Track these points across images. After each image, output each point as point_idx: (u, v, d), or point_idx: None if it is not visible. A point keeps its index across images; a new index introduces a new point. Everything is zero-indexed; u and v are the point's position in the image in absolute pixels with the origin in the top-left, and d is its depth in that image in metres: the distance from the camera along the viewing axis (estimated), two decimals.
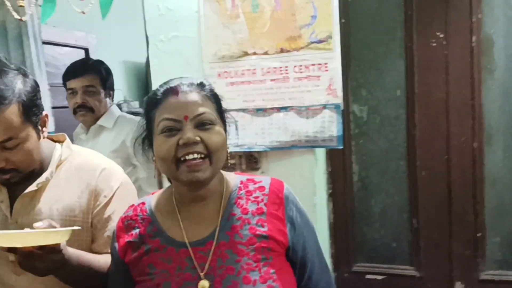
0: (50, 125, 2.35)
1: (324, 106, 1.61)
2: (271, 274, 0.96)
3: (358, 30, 1.71)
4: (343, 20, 1.67)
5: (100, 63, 2.27)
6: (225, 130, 1.03)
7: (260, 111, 1.67)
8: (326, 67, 1.60)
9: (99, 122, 2.20)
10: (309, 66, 1.61)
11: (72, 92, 2.16)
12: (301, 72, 1.62)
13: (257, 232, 0.98)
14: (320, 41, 1.60)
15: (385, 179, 1.76)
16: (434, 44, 1.64)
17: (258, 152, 1.69)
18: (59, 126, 2.62)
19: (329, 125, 1.62)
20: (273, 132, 1.65)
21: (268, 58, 1.65)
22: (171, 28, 1.74)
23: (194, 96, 0.99)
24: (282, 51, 1.63)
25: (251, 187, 1.05)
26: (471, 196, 1.67)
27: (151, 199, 1.10)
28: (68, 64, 2.83)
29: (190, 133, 0.94)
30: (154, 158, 1.02)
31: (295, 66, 1.62)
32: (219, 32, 1.68)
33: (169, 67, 1.76)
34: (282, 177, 1.12)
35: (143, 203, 1.09)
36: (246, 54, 1.67)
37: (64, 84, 2.22)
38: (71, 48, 2.91)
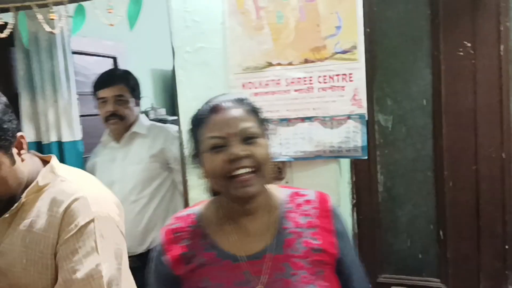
0: (78, 133, 2.44)
1: (349, 117, 1.61)
2: (326, 287, 0.98)
3: (383, 39, 1.70)
4: (368, 30, 1.67)
5: (127, 73, 2.34)
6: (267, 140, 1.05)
7: (284, 121, 1.67)
8: (351, 77, 1.60)
9: (133, 129, 2.27)
10: (334, 76, 1.61)
11: (103, 101, 2.23)
12: (325, 83, 1.62)
13: (312, 246, 1.01)
14: (344, 52, 1.60)
15: (411, 190, 1.74)
16: (461, 53, 1.62)
17: (283, 162, 1.70)
18: (88, 134, 2.70)
19: (353, 136, 1.61)
20: (298, 142, 1.66)
21: (293, 68, 1.65)
22: (197, 39, 1.77)
23: (235, 112, 1.02)
24: (306, 61, 1.64)
25: (299, 200, 1.07)
26: (500, 207, 1.64)
27: (198, 211, 1.11)
28: (98, 73, 2.90)
29: (237, 149, 0.97)
30: (204, 175, 1.05)
31: (319, 77, 1.63)
32: (244, 43, 1.69)
33: (195, 78, 1.79)
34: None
35: (190, 215, 1.11)
36: (270, 64, 1.68)
37: (95, 94, 2.28)
38: (100, 57, 2.97)
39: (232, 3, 1.68)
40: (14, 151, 1.10)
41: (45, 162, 1.23)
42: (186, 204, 1.87)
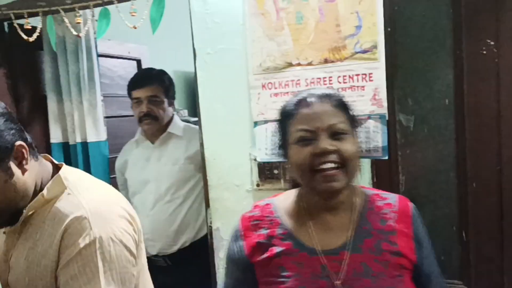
0: (102, 134, 2.49)
1: (369, 116, 1.60)
2: None
3: (405, 38, 1.68)
4: (389, 29, 1.65)
5: (162, 73, 2.39)
6: (356, 136, 1.08)
7: None
8: (371, 77, 1.60)
9: (169, 130, 2.33)
10: (354, 76, 1.61)
11: (137, 101, 2.28)
12: (345, 82, 1.62)
13: (391, 249, 1.01)
14: (365, 51, 1.59)
15: (433, 191, 1.72)
16: (484, 52, 1.59)
17: None
18: (113, 135, 2.75)
19: (374, 136, 1.60)
20: None
21: (312, 69, 1.66)
22: (217, 41, 1.79)
23: (325, 107, 1.04)
24: (326, 61, 1.64)
25: (379, 202, 1.08)
26: None
27: (277, 202, 1.14)
28: (122, 75, 2.97)
29: (325, 143, 0.99)
30: (288, 166, 1.08)
31: (339, 77, 1.63)
32: (263, 44, 1.71)
33: (215, 79, 1.81)
34: None
35: (269, 205, 1.14)
36: (290, 65, 1.69)
37: (129, 94, 2.33)
38: (125, 60, 3.03)
39: (252, 4, 1.70)
40: (13, 163, 1.01)
41: (58, 168, 1.15)
42: (207, 204, 1.89)
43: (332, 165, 0.99)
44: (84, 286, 0.98)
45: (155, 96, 2.26)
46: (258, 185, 1.80)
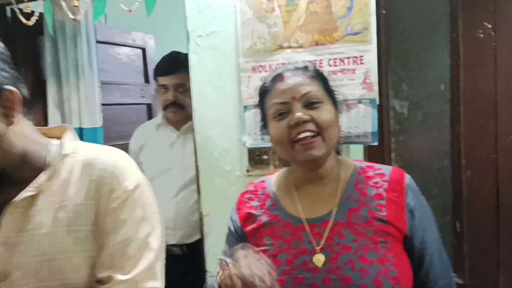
0: (98, 120, 2.49)
1: (359, 101, 1.56)
2: (389, 258, 0.97)
3: (399, 22, 1.63)
4: (384, 12, 1.60)
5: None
6: (336, 107, 1.07)
7: None
8: (362, 60, 1.55)
9: None
10: (344, 59, 1.57)
11: (164, 88, 2.22)
12: (336, 66, 1.58)
13: (376, 215, 1.00)
14: (356, 33, 1.55)
15: (427, 179, 1.66)
16: (481, 35, 1.52)
17: None
18: (112, 122, 2.75)
19: (364, 121, 1.56)
20: None
21: (303, 51, 1.62)
22: (209, 23, 1.76)
23: (299, 78, 1.05)
24: (317, 44, 1.60)
25: (370, 173, 1.08)
26: None
27: (271, 178, 1.18)
28: (126, 63, 2.97)
29: (299, 113, 1.00)
30: (272, 144, 1.09)
31: (329, 60, 1.59)
32: (254, 26, 1.67)
33: (207, 62, 1.79)
34: None
35: (263, 181, 1.18)
36: (280, 47, 1.65)
37: (155, 79, 2.31)
38: (129, 48, 3.02)
39: None
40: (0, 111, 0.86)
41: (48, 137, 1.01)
42: (198, 190, 1.87)
43: (309, 133, 1.00)
44: (134, 229, 0.93)
45: (183, 84, 2.18)
46: (248, 170, 1.77)
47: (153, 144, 2.29)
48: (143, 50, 3.12)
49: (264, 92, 1.10)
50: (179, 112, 2.21)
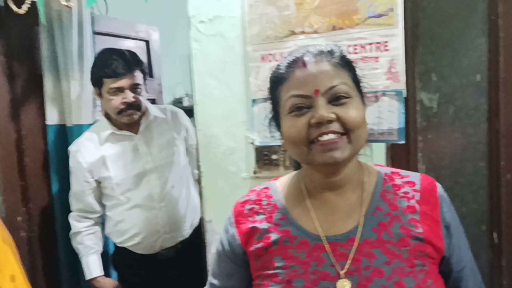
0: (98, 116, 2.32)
1: (383, 93, 1.37)
2: (429, 285, 0.82)
3: (429, 2, 1.43)
4: None
5: (134, 53, 2.18)
6: (363, 102, 0.91)
7: None
8: (386, 46, 1.37)
9: (153, 113, 2.21)
10: (366, 45, 1.38)
11: (118, 90, 2.01)
12: (356, 53, 1.40)
13: (411, 233, 0.85)
14: (379, 15, 1.36)
15: (459, 183, 1.46)
16: None
17: None
18: None
19: (388, 116, 1.37)
20: None
21: (318, 37, 1.44)
22: (212, 7, 1.59)
23: (324, 66, 0.87)
24: (334, 28, 1.42)
25: (397, 180, 0.93)
26: None
27: (275, 185, 1.00)
28: None
29: (323, 110, 0.83)
30: (282, 141, 0.91)
31: (349, 46, 1.41)
32: (263, 10, 1.49)
33: (210, 51, 1.62)
34: None
35: (267, 188, 1.00)
36: (293, 33, 1.47)
37: (99, 82, 2.06)
38: (132, 40, 2.86)
39: None
40: None
41: None
42: (200, 194, 1.70)
43: (333, 136, 0.83)
44: None
45: (138, 84, 2.03)
46: (255, 172, 1.59)
47: (115, 156, 2.07)
48: (147, 42, 2.96)
49: (277, 80, 0.92)
50: (137, 114, 2.05)
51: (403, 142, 1.38)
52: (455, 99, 1.45)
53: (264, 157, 1.57)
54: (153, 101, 3.00)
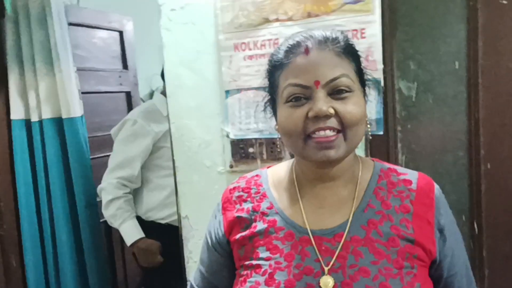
0: (78, 109, 2.25)
1: None
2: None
3: None
4: None
5: None
6: (364, 94, 0.88)
7: None
8: (363, 33, 1.32)
9: None
10: None
11: None
12: None
13: (401, 233, 0.82)
14: (355, 1, 1.32)
15: (439, 174, 1.44)
16: (504, 2, 1.30)
17: (280, 139, 1.43)
18: (90, 113, 2.51)
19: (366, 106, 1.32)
20: None
21: (293, 25, 1.39)
22: None
23: (327, 54, 0.82)
24: (309, 15, 1.37)
25: (393, 178, 0.89)
26: None
27: (267, 172, 0.96)
28: (101, 47, 2.71)
29: (322, 104, 0.79)
30: (277, 129, 0.86)
31: None
32: None
33: (181, 40, 1.56)
34: None
35: (258, 176, 0.96)
36: (267, 21, 1.42)
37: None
38: (105, 31, 2.76)
39: None
40: None
41: None
42: (175, 189, 1.64)
43: (330, 132, 0.79)
44: None
45: None
46: (231, 166, 1.54)
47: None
48: (121, 33, 2.87)
49: (276, 65, 0.86)
50: None
51: (381, 132, 1.34)
52: (434, 87, 1.42)
53: (241, 150, 1.52)
54: (128, 94, 2.93)
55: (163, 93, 2.13)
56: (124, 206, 2.10)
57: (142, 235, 2.09)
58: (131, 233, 2.10)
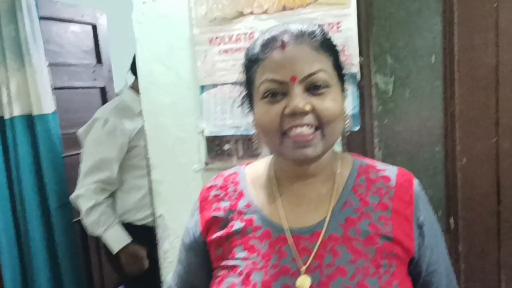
0: (50, 105, 2.20)
1: None
2: (394, 287, 0.78)
3: None
4: None
5: None
6: (342, 90, 0.85)
7: None
8: (339, 27, 1.31)
9: None
10: None
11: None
12: None
13: (380, 231, 0.81)
14: None
15: (415, 168, 1.43)
16: None
17: (257, 135, 1.41)
18: (63, 109, 2.45)
19: None
20: None
21: (268, 18, 1.37)
22: None
23: (304, 48, 0.79)
24: (284, 8, 1.35)
25: (372, 174, 0.87)
26: None
27: (245, 170, 0.94)
28: (73, 41, 2.63)
29: (298, 100, 0.77)
30: (254, 125, 0.85)
31: None
32: None
33: (154, 35, 1.51)
34: None
35: (236, 174, 0.94)
36: (241, 14, 1.40)
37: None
38: (77, 25, 2.69)
39: None
40: None
41: None
42: (150, 188, 1.60)
43: (307, 130, 0.78)
44: None
45: None
46: (207, 163, 1.51)
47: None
48: (94, 27, 2.80)
49: (252, 59, 0.84)
50: None
51: (358, 128, 1.33)
52: (410, 81, 1.41)
53: (216, 148, 1.49)
54: (102, 89, 2.87)
55: (133, 87, 2.08)
56: (107, 212, 2.00)
57: (131, 239, 2.01)
58: (118, 238, 2.00)
